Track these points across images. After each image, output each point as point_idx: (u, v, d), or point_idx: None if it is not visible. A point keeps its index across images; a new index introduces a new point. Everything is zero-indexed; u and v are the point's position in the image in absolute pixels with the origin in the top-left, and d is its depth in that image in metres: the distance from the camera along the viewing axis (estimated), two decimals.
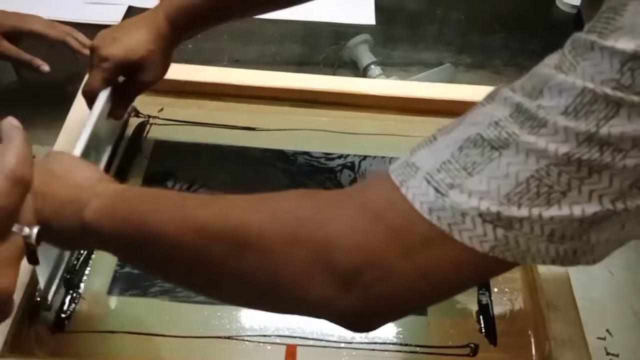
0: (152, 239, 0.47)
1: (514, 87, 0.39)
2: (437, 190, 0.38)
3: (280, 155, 0.83)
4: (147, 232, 0.48)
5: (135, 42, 0.71)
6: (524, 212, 0.36)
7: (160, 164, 0.81)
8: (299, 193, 0.46)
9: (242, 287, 0.46)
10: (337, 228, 0.41)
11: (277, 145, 0.84)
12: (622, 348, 0.64)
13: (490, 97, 0.40)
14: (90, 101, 0.73)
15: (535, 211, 0.36)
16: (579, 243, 0.37)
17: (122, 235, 0.49)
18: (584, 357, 0.62)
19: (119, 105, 0.76)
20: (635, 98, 0.33)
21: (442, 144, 0.40)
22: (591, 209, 0.36)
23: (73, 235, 0.51)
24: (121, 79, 0.74)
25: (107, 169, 0.76)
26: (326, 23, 0.85)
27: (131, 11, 1.05)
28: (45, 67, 0.86)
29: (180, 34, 0.73)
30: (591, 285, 0.64)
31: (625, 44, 0.33)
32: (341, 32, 1.03)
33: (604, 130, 0.34)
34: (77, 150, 0.67)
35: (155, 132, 0.85)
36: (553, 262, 0.38)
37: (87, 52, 0.80)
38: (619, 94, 0.33)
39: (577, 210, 0.36)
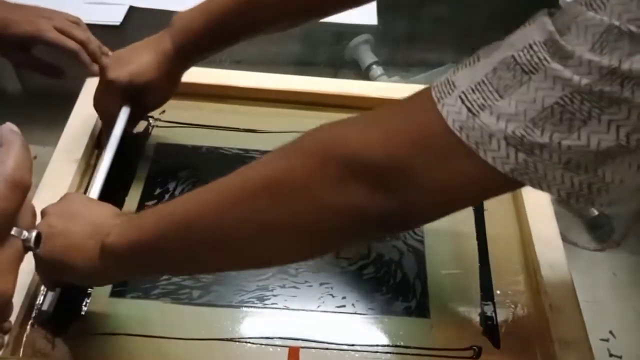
0: (178, 231, 0.51)
1: (552, 12, 0.40)
2: (469, 110, 0.40)
3: None
4: (172, 229, 0.51)
5: (141, 66, 0.72)
6: (545, 138, 0.38)
7: (162, 166, 0.81)
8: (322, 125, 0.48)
9: (283, 235, 0.48)
10: (367, 136, 0.44)
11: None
12: (626, 350, 0.64)
13: (532, 19, 0.41)
14: (107, 122, 0.75)
15: (556, 138, 0.38)
16: (594, 178, 0.39)
17: (143, 244, 0.52)
18: (588, 359, 0.62)
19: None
20: None
21: (481, 64, 0.42)
22: (607, 141, 0.37)
23: (94, 268, 0.55)
24: None
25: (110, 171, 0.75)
26: (327, 23, 0.85)
27: (132, 11, 1.04)
28: (63, 71, 0.85)
29: (187, 58, 0.73)
30: (594, 286, 0.64)
31: None
32: (343, 32, 1.03)
33: (626, 66, 0.35)
34: (95, 191, 0.68)
35: (158, 135, 0.85)
36: (569, 196, 0.40)
37: (95, 69, 0.81)
38: None
39: (594, 141, 0.38)
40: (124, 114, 0.75)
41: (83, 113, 0.82)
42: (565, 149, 0.38)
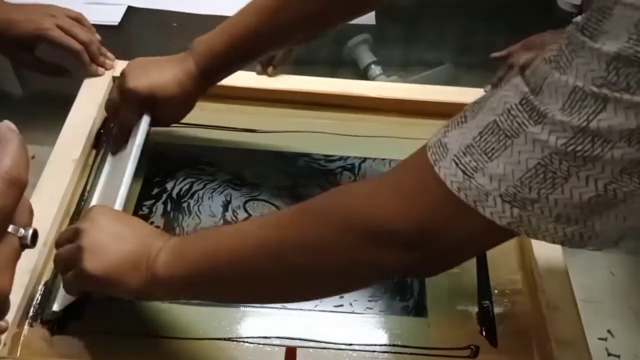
0: (229, 264, 0.55)
1: (524, 74, 0.43)
2: (464, 172, 0.44)
3: (280, 157, 0.83)
4: (223, 260, 0.55)
5: (163, 80, 0.73)
6: (534, 194, 0.42)
7: (160, 166, 0.81)
8: (335, 191, 0.54)
9: (312, 282, 0.54)
10: (384, 210, 0.48)
11: (277, 147, 0.84)
12: (623, 349, 0.64)
13: (506, 80, 0.44)
14: (122, 129, 0.77)
15: (544, 194, 0.41)
16: (584, 228, 0.42)
17: (196, 274, 0.56)
18: (585, 358, 0.62)
19: None
20: (619, 95, 0.37)
21: (468, 126, 0.45)
22: (588, 193, 0.40)
23: (142, 289, 0.57)
24: None
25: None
26: None
27: (130, 11, 1.04)
28: (68, 70, 0.85)
29: (209, 80, 0.75)
30: (592, 285, 0.64)
31: (610, 47, 0.37)
32: (341, 32, 1.03)
33: (593, 124, 0.38)
34: (120, 203, 0.68)
35: (155, 134, 0.85)
36: (562, 243, 0.43)
37: (94, 69, 0.81)
38: (605, 90, 0.38)
39: (576, 194, 0.41)
40: (145, 123, 0.75)
41: (81, 113, 0.82)
42: (553, 204, 0.42)
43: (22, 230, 0.37)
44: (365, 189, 0.52)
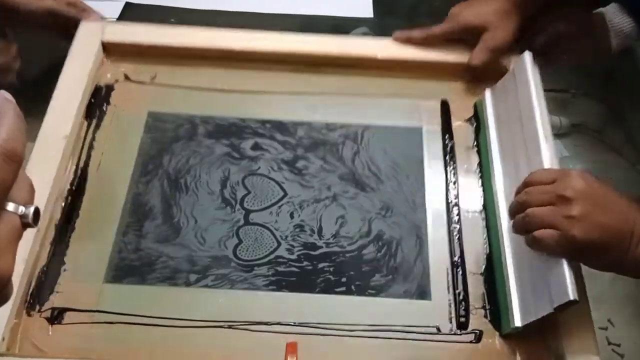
0: None
1: None
2: None
3: (279, 127, 0.80)
4: None
5: (484, 10, 0.80)
6: None
7: (155, 138, 0.78)
8: None
9: None
10: None
11: (276, 116, 0.81)
12: (624, 338, 0.64)
13: None
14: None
15: None
16: None
17: None
18: (592, 347, 0.61)
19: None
20: None
21: None
22: None
23: (619, 264, 0.58)
24: None
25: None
26: (324, 16, 0.82)
27: (129, 7, 0.99)
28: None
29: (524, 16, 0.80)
30: (593, 275, 0.62)
31: None
32: (339, 25, 0.97)
33: None
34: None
35: (150, 100, 0.81)
36: None
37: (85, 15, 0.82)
38: None
39: None
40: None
41: (70, 83, 0.78)
42: None
43: (22, 208, 0.35)
44: None
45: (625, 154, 0.84)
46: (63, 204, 0.71)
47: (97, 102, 0.80)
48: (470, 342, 0.65)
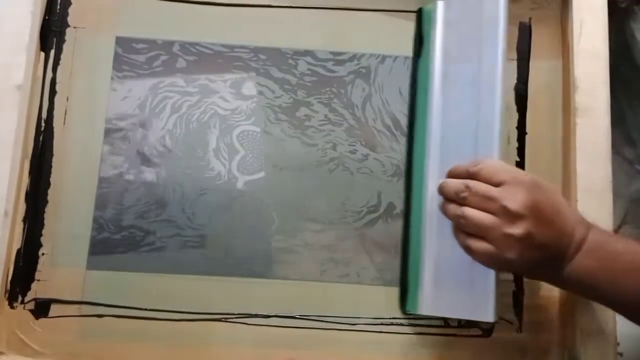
0: None
1: None
2: None
3: (276, 58, 0.66)
4: None
5: None
6: None
7: (126, 73, 0.65)
8: None
9: None
10: None
11: (271, 42, 0.67)
12: (623, 337, 0.62)
13: None
14: None
15: None
16: None
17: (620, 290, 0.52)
18: (610, 353, 0.59)
19: None
20: None
21: None
22: None
23: (554, 279, 0.55)
24: None
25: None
26: None
27: None
28: None
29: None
30: None
31: None
32: None
33: None
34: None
35: (115, 21, 0.66)
36: None
37: None
38: None
39: None
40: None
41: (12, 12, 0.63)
42: None
43: None
44: None
45: (624, 154, 0.78)
46: (29, 174, 0.63)
47: (52, 24, 0.65)
48: (479, 336, 0.62)
